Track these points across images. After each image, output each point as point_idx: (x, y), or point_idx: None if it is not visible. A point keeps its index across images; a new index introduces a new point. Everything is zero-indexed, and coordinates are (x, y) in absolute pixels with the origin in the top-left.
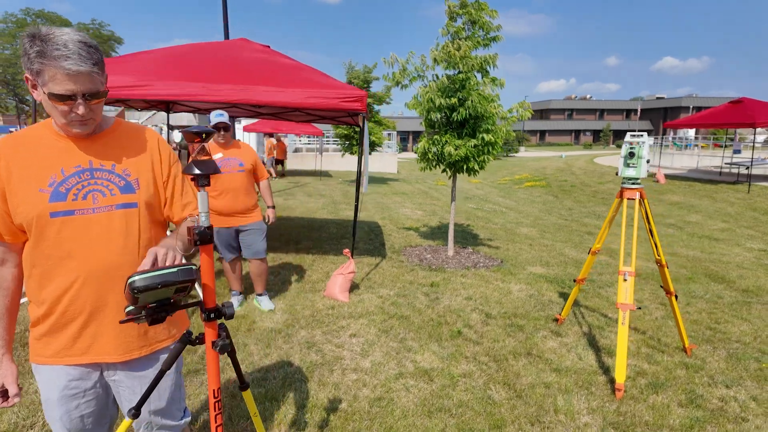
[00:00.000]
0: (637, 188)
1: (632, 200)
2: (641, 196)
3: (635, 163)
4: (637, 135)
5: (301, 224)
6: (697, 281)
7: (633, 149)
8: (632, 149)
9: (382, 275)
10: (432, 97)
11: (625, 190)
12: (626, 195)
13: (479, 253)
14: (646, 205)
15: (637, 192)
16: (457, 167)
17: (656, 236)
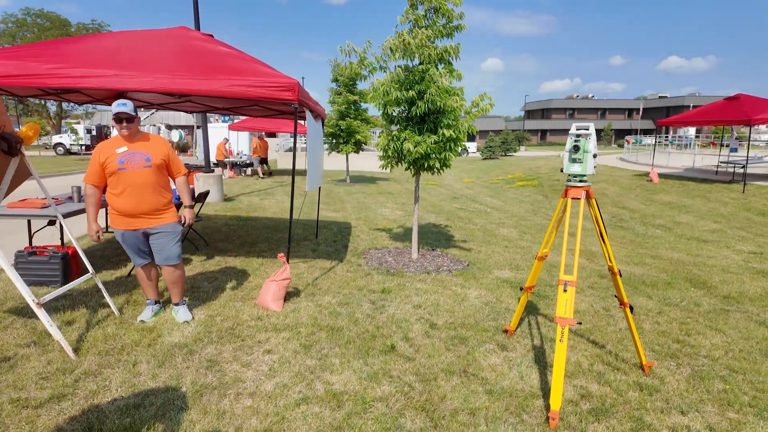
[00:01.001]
0: (583, 186)
1: (577, 200)
2: (588, 195)
3: (581, 157)
4: (582, 127)
5: (267, 225)
6: (675, 286)
7: (578, 142)
8: (577, 142)
9: (331, 281)
10: (388, 89)
11: (570, 188)
12: (570, 194)
13: (447, 256)
14: (594, 205)
15: (584, 191)
16: (418, 165)
17: (607, 241)
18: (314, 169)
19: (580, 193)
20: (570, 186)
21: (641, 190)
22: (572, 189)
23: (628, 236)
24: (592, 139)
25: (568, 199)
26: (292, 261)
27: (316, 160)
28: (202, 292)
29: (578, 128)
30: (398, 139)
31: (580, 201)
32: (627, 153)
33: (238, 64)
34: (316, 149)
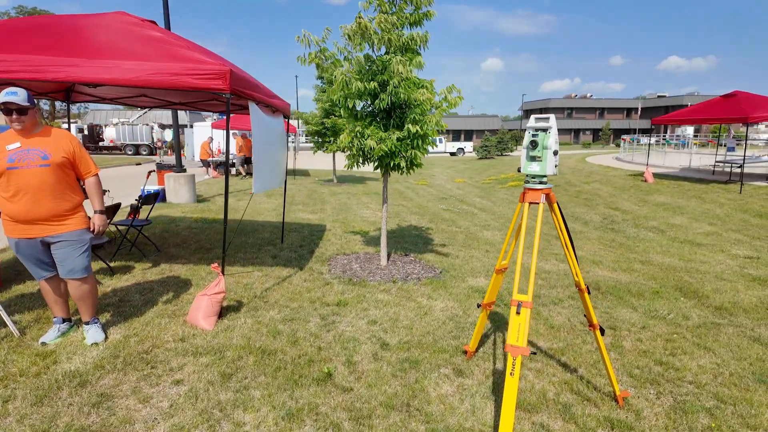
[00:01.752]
0: (543, 189)
1: (536, 204)
2: (549, 199)
3: (539, 155)
4: (542, 119)
5: (232, 228)
6: (664, 296)
7: (536, 137)
8: (535, 137)
9: (283, 292)
10: (348, 80)
11: (527, 191)
12: (528, 197)
13: (419, 262)
14: (557, 210)
15: (543, 194)
16: (384, 164)
17: (572, 254)
18: (267, 169)
19: (538, 196)
20: (528, 188)
21: (635, 190)
22: (530, 191)
23: (618, 239)
24: (552, 134)
25: (525, 204)
26: (245, 270)
27: (270, 159)
28: (129, 306)
29: (537, 119)
30: (362, 136)
31: (539, 206)
32: (623, 152)
33: (166, 51)
34: (268, 147)
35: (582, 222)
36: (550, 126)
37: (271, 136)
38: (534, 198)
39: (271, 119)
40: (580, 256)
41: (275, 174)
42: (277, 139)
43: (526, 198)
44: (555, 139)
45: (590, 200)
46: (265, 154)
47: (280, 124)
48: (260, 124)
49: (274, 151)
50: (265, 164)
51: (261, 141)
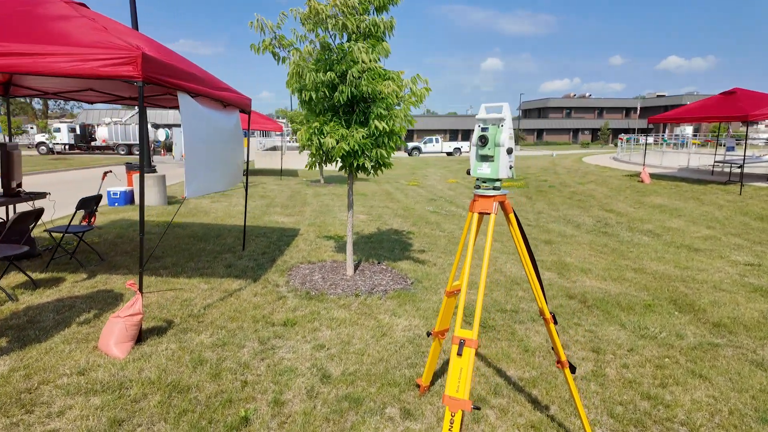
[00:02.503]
0: (496, 196)
1: (486, 215)
2: (504, 208)
3: (491, 153)
4: (493, 108)
5: (194, 233)
6: (656, 310)
7: (485, 131)
8: (485, 131)
9: (225, 309)
10: (300, 69)
11: (478, 198)
12: (477, 207)
13: (391, 271)
14: (514, 222)
15: (495, 202)
16: (347, 164)
17: (534, 277)
18: (206, 170)
19: (490, 205)
20: (478, 195)
21: (631, 191)
22: (480, 199)
23: (611, 244)
24: (505, 127)
25: (474, 215)
26: (190, 282)
27: (214, 158)
28: (36, 328)
29: (488, 109)
30: (320, 133)
31: (490, 217)
32: (621, 152)
33: (77, 33)
34: (211, 144)
35: (574, 225)
36: (503, 117)
37: (216, 132)
38: (485, 207)
39: (218, 114)
40: (568, 262)
41: (222, 175)
42: (227, 136)
43: (475, 207)
44: (510, 133)
45: (584, 202)
46: (204, 152)
47: (232, 120)
48: (195, 119)
49: (219, 150)
50: (203, 164)
51: (196, 138)
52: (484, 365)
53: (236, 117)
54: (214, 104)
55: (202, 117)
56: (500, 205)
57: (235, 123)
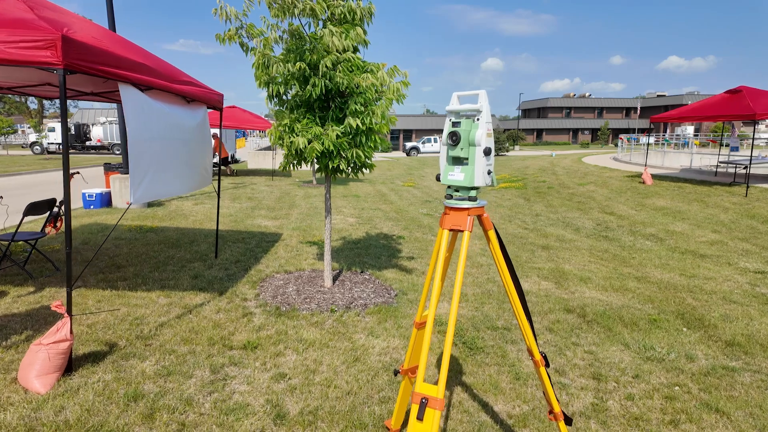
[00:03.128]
0: (472, 208)
1: (458, 232)
2: (482, 224)
3: (464, 155)
4: (468, 97)
5: (167, 239)
6: (663, 326)
7: (457, 126)
8: (456, 126)
9: (181, 328)
10: (266, 60)
11: (449, 211)
12: (447, 222)
13: (374, 281)
14: (494, 241)
15: (470, 216)
16: (322, 165)
17: (521, 311)
18: (157, 171)
19: (463, 220)
20: (448, 208)
21: (632, 193)
22: (452, 213)
23: (612, 249)
24: (482, 121)
25: (444, 232)
26: (147, 296)
27: (170, 160)
28: None
29: (462, 98)
30: (291, 131)
31: (463, 235)
32: (621, 152)
33: None
34: (166, 143)
35: (573, 229)
36: (479, 109)
37: (173, 130)
38: (457, 222)
39: (179, 110)
40: (566, 270)
41: (183, 177)
42: (190, 134)
43: (445, 222)
44: (488, 129)
45: (584, 204)
46: (156, 152)
47: (196, 117)
48: (143, 114)
49: (178, 149)
50: (154, 165)
51: (144, 136)
52: (469, 398)
53: (202, 114)
54: (174, 99)
55: (153, 112)
56: (478, 220)
57: (200, 121)
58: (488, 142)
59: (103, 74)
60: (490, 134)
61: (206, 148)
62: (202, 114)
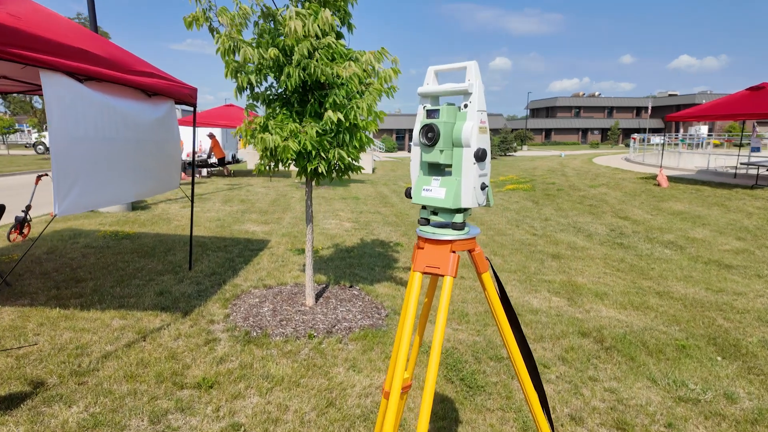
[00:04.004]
0: (454, 241)
1: (435, 276)
2: (475, 262)
3: (445, 161)
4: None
5: (143, 245)
6: (693, 355)
7: (434, 117)
8: (433, 117)
9: (129, 359)
10: (233, 44)
11: (422, 243)
12: (422, 260)
13: (364, 298)
14: (488, 287)
15: (453, 253)
16: (300, 167)
17: (527, 383)
18: (97, 177)
19: (444, 258)
20: (422, 239)
21: (647, 196)
22: (427, 246)
23: (628, 258)
24: (472, 108)
25: (416, 275)
26: (99, 317)
27: (110, 161)
28: None
29: (441, 75)
30: (263, 129)
31: (445, 283)
32: (633, 153)
33: None
34: (106, 144)
35: (585, 235)
36: (468, 90)
37: (121, 127)
38: (434, 261)
39: (133, 105)
40: (580, 284)
41: (134, 181)
42: (146, 133)
43: (418, 261)
44: (480, 121)
45: (596, 207)
46: (93, 153)
47: (155, 112)
48: (73, 109)
49: (127, 149)
50: (88, 169)
51: (75, 134)
52: None
53: (166, 110)
54: (127, 92)
55: (91, 107)
56: (468, 257)
57: (162, 116)
58: (481, 142)
59: (17, 59)
60: (485, 129)
61: (170, 147)
62: (166, 109)
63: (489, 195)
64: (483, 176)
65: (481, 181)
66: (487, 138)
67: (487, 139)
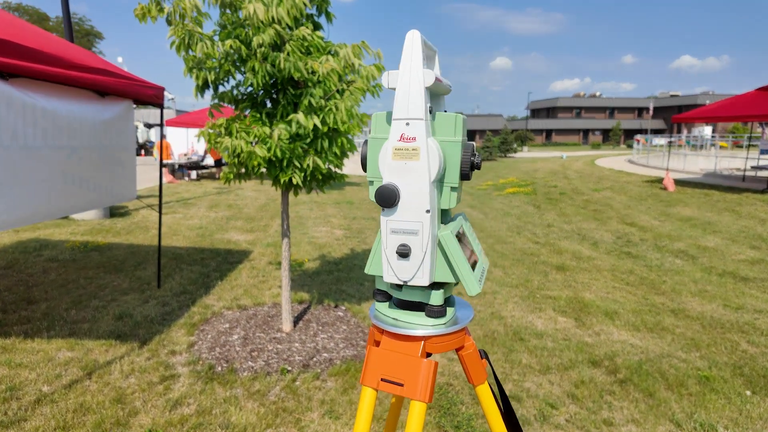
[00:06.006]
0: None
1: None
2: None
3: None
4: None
5: (112, 258)
6: (718, 389)
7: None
8: None
9: (64, 403)
10: (187, 36)
11: (378, 335)
12: (374, 367)
13: (350, 321)
14: (484, 400)
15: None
16: (272, 176)
17: None
18: (17, 190)
19: (413, 370)
20: (379, 329)
21: (654, 200)
22: (386, 342)
23: (637, 270)
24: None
25: (367, 392)
26: (49, 346)
27: (35, 171)
28: None
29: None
30: (227, 133)
31: (413, 410)
32: (636, 154)
33: None
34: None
35: (591, 242)
36: None
37: (47, 134)
38: (392, 370)
39: (74, 106)
40: (587, 300)
41: (55, 196)
42: (87, 139)
43: (369, 368)
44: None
45: (601, 212)
46: (10, 166)
47: (105, 114)
48: None
49: (51, 161)
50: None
51: None
52: None
53: (119, 111)
54: (69, 91)
55: (10, 109)
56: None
57: (112, 118)
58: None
59: None
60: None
61: (122, 154)
62: (120, 111)
63: (483, 269)
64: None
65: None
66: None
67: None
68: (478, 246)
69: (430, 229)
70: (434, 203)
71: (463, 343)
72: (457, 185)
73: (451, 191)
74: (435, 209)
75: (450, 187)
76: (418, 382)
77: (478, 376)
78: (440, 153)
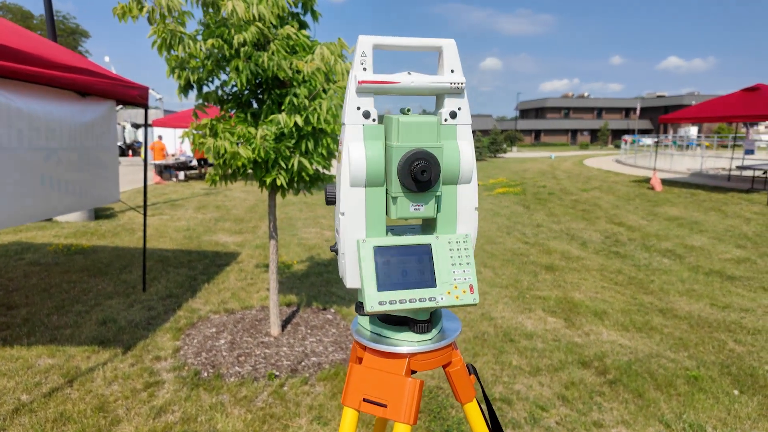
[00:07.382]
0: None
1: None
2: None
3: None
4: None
5: (97, 261)
6: (707, 388)
7: None
8: None
9: (44, 412)
10: (168, 36)
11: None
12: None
13: (339, 324)
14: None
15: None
16: (258, 177)
17: None
18: None
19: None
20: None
21: (641, 200)
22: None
23: (626, 269)
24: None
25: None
26: (29, 353)
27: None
28: None
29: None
30: (212, 133)
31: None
32: (624, 154)
33: None
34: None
35: (580, 242)
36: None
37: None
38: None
39: (51, 107)
40: (577, 300)
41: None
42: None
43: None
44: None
45: (589, 212)
46: None
47: (85, 115)
48: None
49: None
50: None
51: None
52: None
53: (102, 112)
54: (47, 92)
55: None
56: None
57: (94, 119)
58: None
59: None
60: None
61: (104, 155)
62: (102, 111)
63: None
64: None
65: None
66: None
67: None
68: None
69: (344, 232)
70: (355, 208)
71: (450, 359)
72: (398, 195)
73: (392, 200)
74: (357, 214)
75: (391, 196)
76: (402, 403)
77: (465, 393)
78: (367, 158)
